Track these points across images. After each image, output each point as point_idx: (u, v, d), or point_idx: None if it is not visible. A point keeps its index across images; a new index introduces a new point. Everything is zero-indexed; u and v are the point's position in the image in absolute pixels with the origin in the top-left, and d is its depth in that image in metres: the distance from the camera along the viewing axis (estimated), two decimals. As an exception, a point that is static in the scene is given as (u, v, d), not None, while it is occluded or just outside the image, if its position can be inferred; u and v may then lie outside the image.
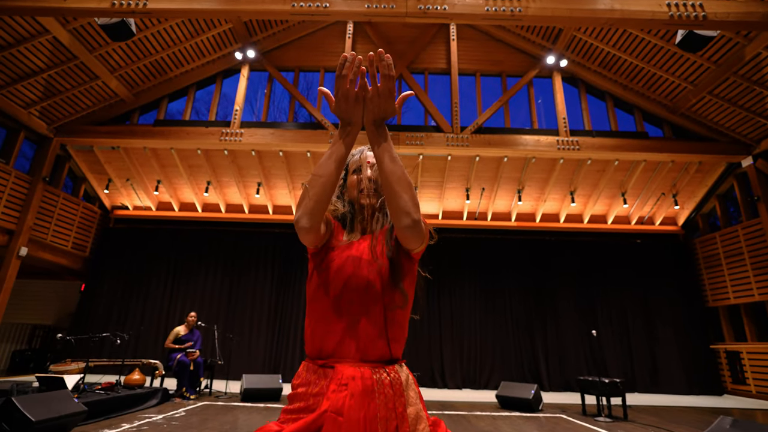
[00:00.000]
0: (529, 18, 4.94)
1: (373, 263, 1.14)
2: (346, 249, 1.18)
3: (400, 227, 1.05)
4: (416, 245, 1.14)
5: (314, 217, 1.06)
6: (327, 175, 1.07)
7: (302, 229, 1.06)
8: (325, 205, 1.07)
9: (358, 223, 1.29)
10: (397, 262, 1.15)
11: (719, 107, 8.01)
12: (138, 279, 9.27)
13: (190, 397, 5.92)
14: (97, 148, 8.62)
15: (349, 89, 1.02)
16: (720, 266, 8.97)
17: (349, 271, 1.12)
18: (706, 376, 8.65)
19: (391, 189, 1.02)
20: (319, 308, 1.13)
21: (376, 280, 1.11)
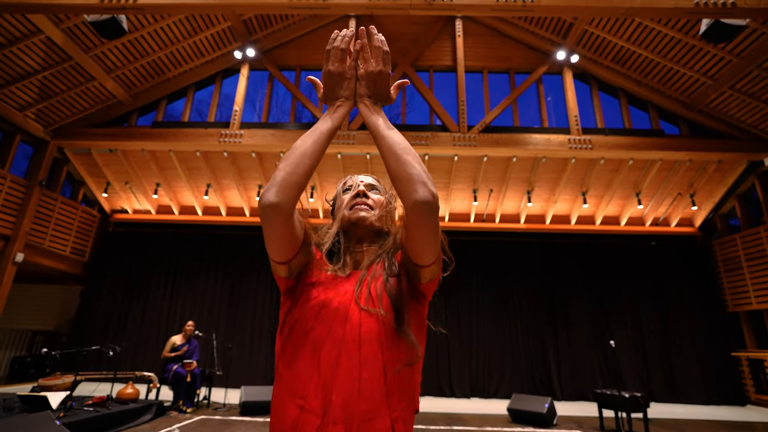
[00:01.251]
0: (542, 9, 4.63)
1: (369, 305, 0.85)
2: (331, 286, 0.89)
3: (413, 203, 0.76)
4: (431, 251, 0.83)
5: (285, 191, 0.78)
6: (306, 146, 0.84)
7: (267, 207, 0.77)
8: (301, 182, 0.80)
9: (348, 255, 1.00)
10: (402, 299, 0.86)
11: (741, 102, 7.62)
12: (138, 283, 9.06)
13: (187, 411, 5.67)
14: (95, 151, 8.42)
15: (340, 64, 0.90)
16: (741, 269, 8.56)
17: (334, 316, 0.83)
18: (727, 386, 8.23)
19: (398, 158, 0.81)
20: (290, 375, 0.82)
21: (373, 329, 0.82)
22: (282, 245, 0.86)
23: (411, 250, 0.86)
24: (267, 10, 4.97)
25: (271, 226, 0.82)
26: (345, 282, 0.91)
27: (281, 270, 0.92)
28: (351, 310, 0.84)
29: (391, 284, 0.88)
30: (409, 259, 0.89)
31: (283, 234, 0.84)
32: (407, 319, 0.84)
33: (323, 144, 0.87)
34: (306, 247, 0.93)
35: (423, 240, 0.83)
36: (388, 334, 0.82)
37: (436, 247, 0.85)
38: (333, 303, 0.85)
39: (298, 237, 0.89)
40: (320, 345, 0.81)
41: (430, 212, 0.77)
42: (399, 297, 0.86)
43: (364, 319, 0.82)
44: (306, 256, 0.95)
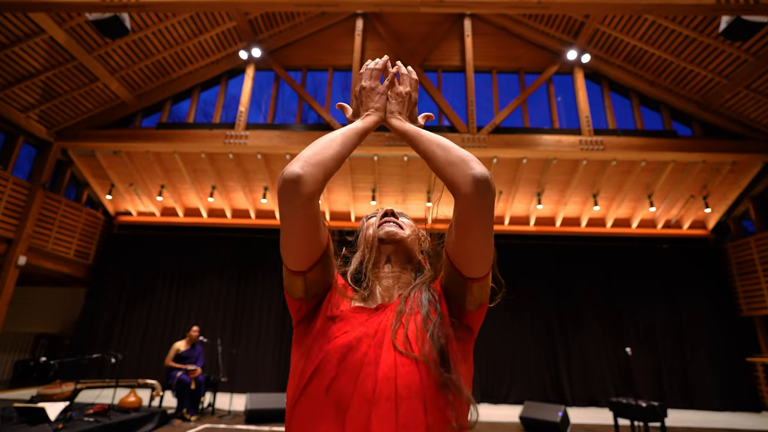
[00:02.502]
0: (557, 6, 4.48)
1: (408, 348, 0.69)
2: (357, 322, 0.74)
3: (472, 179, 0.67)
4: (485, 254, 0.72)
5: (310, 167, 0.68)
6: (334, 136, 0.78)
7: (288, 181, 0.66)
8: (328, 164, 0.72)
9: (376, 281, 0.86)
10: (449, 340, 0.70)
11: (757, 102, 7.44)
12: (142, 286, 8.96)
13: (191, 419, 5.54)
14: (99, 153, 8.32)
15: (374, 81, 0.90)
16: (755, 273, 8.37)
17: (362, 364, 0.67)
18: (741, 392, 8.04)
19: (444, 146, 0.76)
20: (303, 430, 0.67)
21: (413, 382, 0.65)
22: (300, 242, 0.73)
23: (462, 255, 0.74)
24: (274, 8, 4.85)
25: (291, 208, 0.68)
26: (374, 317, 0.76)
27: (296, 285, 0.77)
28: (384, 356, 0.68)
29: (433, 321, 0.73)
30: (456, 275, 0.76)
31: (303, 224, 0.70)
32: (456, 365, 0.68)
33: (352, 138, 0.80)
34: (327, 260, 0.80)
35: (478, 236, 0.71)
36: (433, 388, 0.66)
37: (491, 252, 0.75)
38: (361, 346, 0.69)
39: (320, 239, 0.75)
40: (346, 403, 0.65)
41: (488, 190, 0.68)
42: (445, 337, 0.70)
43: (400, 368, 0.66)
44: (326, 273, 0.81)
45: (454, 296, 0.79)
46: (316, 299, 0.81)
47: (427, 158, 0.78)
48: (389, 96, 0.91)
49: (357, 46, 8.54)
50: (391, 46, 8.66)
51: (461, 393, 0.65)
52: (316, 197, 0.71)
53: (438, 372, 0.66)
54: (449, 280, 0.79)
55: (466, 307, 0.78)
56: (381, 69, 0.92)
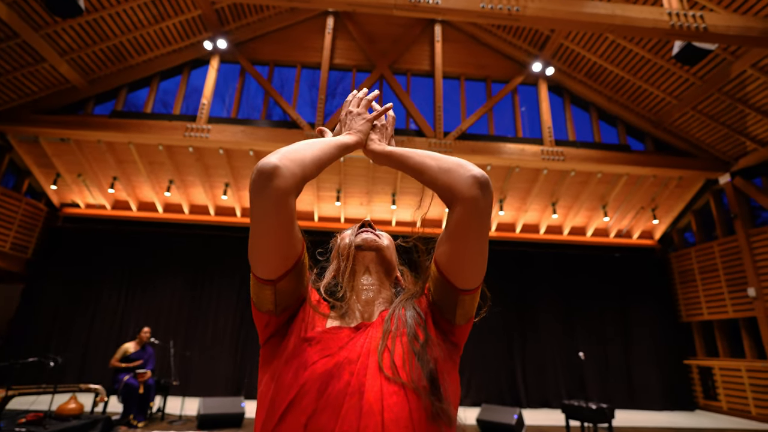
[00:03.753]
0: (527, 18, 4.60)
1: (394, 372, 0.63)
2: (335, 344, 0.67)
3: (471, 179, 0.66)
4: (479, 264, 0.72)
5: (288, 161, 0.64)
6: (313, 141, 0.75)
7: (263, 172, 0.60)
8: (306, 163, 0.68)
9: (354, 295, 0.80)
10: (438, 363, 0.65)
11: (701, 123, 7.98)
12: (88, 283, 8.39)
13: (138, 425, 5.24)
14: (43, 140, 7.72)
15: (362, 108, 0.92)
16: (694, 281, 8.98)
17: (345, 395, 0.60)
18: (678, 392, 8.61)
19: (435, 157, 0.76)
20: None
21: (402, 415, 0.59)
22: (271, 246, 0.66)
23: (456, 265, 0.71)
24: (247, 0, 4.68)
25: (264, 204, 0.62)
26: (355, 338, 0.69)
27: (265, 297, 0.70)
28: (369, 384, 0.61)
29: (421, 342, 0.68)
30: (447, 288, 0.73)
31: (276, 225, 0.64)
32: (446, 391, 0.64)
33: (331, 149, 0.77)
34: (301, 270, 0.73)
35: (475, 243, 0.70)
36: (422, 421, 0.60)
37: (485, 262, 0.74)
38: (343, 374, 0.63)
39: (294, 245, 0.69)
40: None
41: (488, 189, 0.67)
42: (434, 360, 0.65)
43: (387, 399, 0.60)
44: (299, 285, 0.74)
45: (444, 311, 0.76)
46: (287, 313, 0.74)
47: (419, 172, 0.76)
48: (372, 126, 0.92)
49: (327, 44, 8.42)
50: (361, 46, 8.60)
51: (453, 423, 0.61)
52: (293, 194, 0.65)
53: (429, 401, 0.61)
54: (439, 295, 0.76)
55: (455, 321, 0.75)
56: (371, 100, 0.94)
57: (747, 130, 7.61)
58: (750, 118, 7.40)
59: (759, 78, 6.76)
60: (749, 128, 7.56)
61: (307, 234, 0.90)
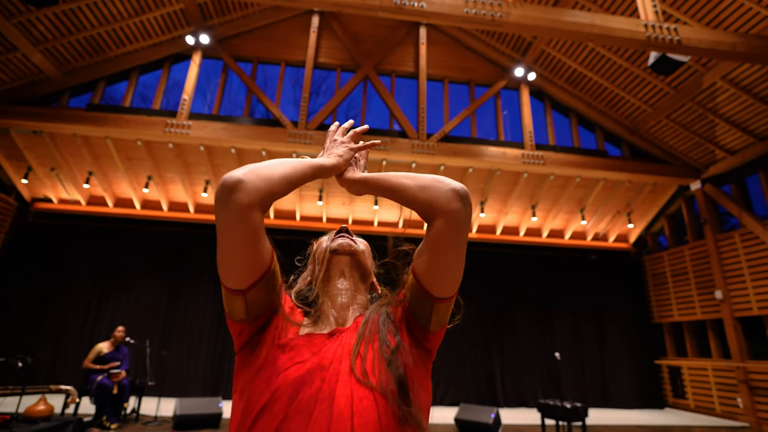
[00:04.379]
0: (510, 25, 4.68)
1: (364, 381, 0.65)
2: (309, 351, 0.69)
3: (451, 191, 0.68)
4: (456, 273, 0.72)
5: (254, 175, 0.65)
6: (288, 161, 0.75)
7: (227, 185, 0.62)
8: (275, 178, 0.69)
9: (328, 303, 0.81)
10: (408, 369, 0.67)
11: (674, 131, 8.26)
12: (60, 281, 8.14)
13: (111, 427, 5.12)
14: (14, 132, 7.45)
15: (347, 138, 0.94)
16: (666, 284, 9.29)
17: (316, 400, 0.62)
18: (649, 391, 8.91)
19: (414, 177, 0.77)
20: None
21: (370, 419, 0.61)
22: (238, 257, 0.67)
23: (434, 275, 0.72)
24: (227, -4, 4.63)
25: (228, 216, 0.63)
26: (328, 345, 0.71)
27: (236, 306, 0.71)
28: (340, 390, 0.63)
29: (392, 349, 0.69)
30: (424, 296, 0.74)
31: (242, 237, 0.65)
32: (415, 396, 0.65)
33: (306, 168, 0.77)
34: (271, 280, 0.73)
35: (454, 254, 0.70)
36: (391, 425, 0.61)
37: (461, 271, 0.74)
38: (315, 380, 0.64)
39: (262, 256, 0.70)
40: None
41: (468, 201, 0.69)
42: (404, 366, 0.67)
43: (357, 404, 0.62)
44: (270, 294, 0.74)
45: (418, 318, 0.77)
46: (259, 321, 0.74)
47: (398, 192, 0.77)
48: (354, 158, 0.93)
49: (312, 43, 8.38)
50: (346, 46, 8.59)
51: (421, 427, 0.63)
52: (256, 209, 0.65)
53: (397, 405, 0.62)
54: (415, 302, 0.76)
55: (430, 328, 0.77)
56: (358, 133, 0.96)
57: (717, 139, 7.92)
58: (719, 127, 7.70)
59: (728, 89, 7.04)
60: (719, 137, 7.87)
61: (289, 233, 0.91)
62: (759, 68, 6.50)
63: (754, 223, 7.44)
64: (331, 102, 8.01)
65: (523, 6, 4.77)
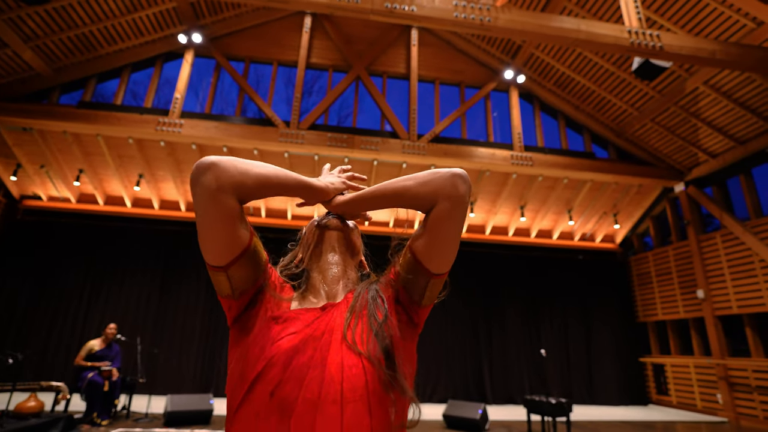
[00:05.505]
0: (498, 29, 4.80)
1: (353, 349, 0.70)
2: (301, 323, 0.74)
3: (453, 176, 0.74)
4: (452, 251, 0.78)
5: (231, 165, 0.69)
6: (275, 168, 0.78)
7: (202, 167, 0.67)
8: (251, 179, 0.71)
9: (318, 278, 0.86)
10: (395, 340, 0.73)
11: (659, 134, 8.46)
12: (50, 279, 8.11)
13: (102, 423, 5.14)
14: (3, 128, 7.42)
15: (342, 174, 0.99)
16: (651, 284, 9.50)
17: (308, 367, 0.67)
18: (633, 388, 9.12)
19: (412, 176, 0.79)
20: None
21: (358, 384, 0.66)
22: (215, 235, 0.71)
23: (433, 251, 0.77)
24: (220, -3, 4.69)
25: (201, 196, 0.67)
26: (321, 318, 0.76)
27: (220, 282, 0.76)
28: (331, 358, 0.68)
29: (379, 321, 0.75)
30: (421, 272, 0.79)
31: (216, 216, 0.69)
32: (401, 366, 0.71)
33: (292, 180, 0.80)
34: (251, 257, 0.77)
35: (453, 230, 0.76)
36: (377, 390, 0.66)
37: (456, 250, 0.79)
38: (307, 349, 0.69)
39: (238, 235, 0.73)
40: (290, 407, 0.64)
41: (467, 180, 0.75)
42: (390, 337, 0.73)
43: (347, 371, 0.66)
44: (252, 271, 0.78)
45: (413, 293, 0.82)
46: (245, 297, 0.79)
47: (400, 194, 0.79)
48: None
49: (304, 43, 8.43)
50: (338, 46, 8.66)
51: (405, 392, 0.69)
52: (228, 194, 0.69)
53: (382, 371, 0.68)
54: (411, 280, 0.81)
55: (422, 303, 0.82)
56: (354, 177, 1.00)
57: (699, 142, 8.13)
58: (702, 131, 7.91)
59: (710, 94, 7.25)
60: (701, 140, 8.08)
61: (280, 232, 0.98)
62: (739, 74, 6.71)
63: (735, 224, 7.66)
64: (323, 102, 8.08)
65: (511, 11, 4.89)
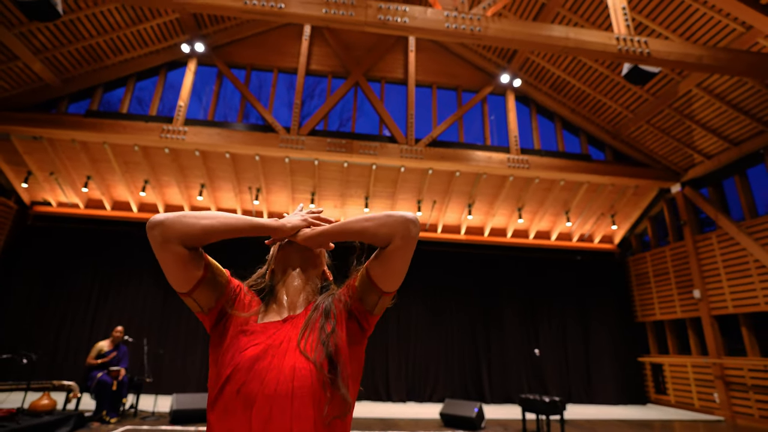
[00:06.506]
0: (489, 39, 4.95)
1: (304, 356, 0.87)
2: (264, 335, 0.91)
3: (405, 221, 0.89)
4: (401, 275, 0.94)
5: (177, 222, 0.86)
6: (227, 217, 0.93)
7: (150, 224, 0.85)
8: (197, 231, 0.87)
9: (282, 290, 1.04)
10: (339, 351, 0.90)
11: (654, 136, 8.56)
12: (59, 283, 8.36)
13: (111, 421, 5.37)
14: (15, 137, 7.68)
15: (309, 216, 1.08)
16: (649, 284, 9.59)
17: (267, 370, 0.84)
18: (632, 388, 9.20)
19: (370, 216, 0.93)
20: (221, 429, 0.83)
21: (305, 384, 0.83)
22: (170, 272, 0.89)
23: (386, 275, 0.94)
24: (220, 12, 4.88)
25: (153, 244, 0.86)
26: (281, 329, 0.93)
27: (189, 303, 0.95)
28: (285, 363, 0.85)
29: (327, 335, 0.91)
30: (374, 290, 0.96)
31: (169, 259, 0.87)
32: (342, 371, 0.88)
33: (244, 224, 0.94)
34: (208, 285, 0.94)
35: (404, 261, 0.92)
36: (321, 389, 0.83)
37: (404, 276, 0.96)
38: (267, 356, 0.86)
39: (191, 271, 0.90)
40: (252, 400, 0.81)
41: (418, 223, 0.90)
42: (336, 349, 0.90)
43: (297, 372, 0.84)
44: (212, 294, 0.95)
45: (366, 304, 0.99)
46: (214, 312, 0.97)
47: (360, 233, 0.94)
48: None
49: (304, 50, 8.64)
50: (337, 53, 8.86)
51: (339, 390, 0.86)
52: (175, 244, 0.85)
53: (323, 374, 0.85)
54: (366, 293, 0.98)
55: (374, 312, 1.00)
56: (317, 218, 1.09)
57: (694, 143, 8.22)
58: (696, 132, 8.00)
59: (703, 97, 7.35)
60: (696, 142, 8.17)
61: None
62: (731, 77, 6.81)
63: (730, 225, 7.75)
64: (323, 108, 8.27)
65: (501, 21, 5.04)
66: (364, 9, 4.92)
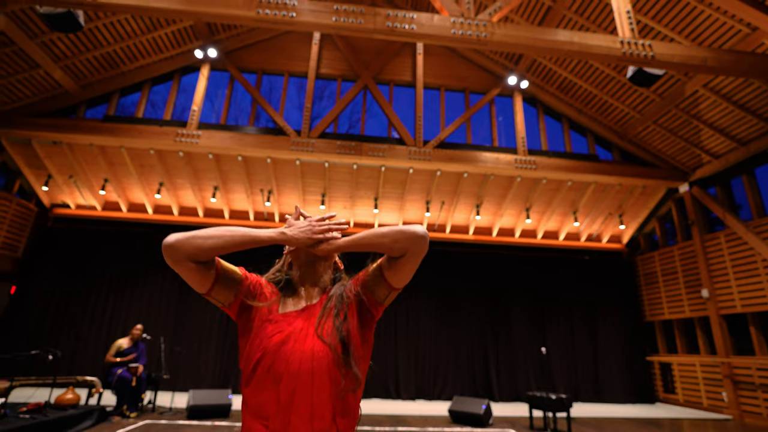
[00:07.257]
0: (494, 44, 5.06)
1: (321, 340, 1.03)
2: (287, 323, 1.07)
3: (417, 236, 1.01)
4: (409, 276, 1.08)
5: (187, 243, 0.98)
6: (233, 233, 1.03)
7: (163, 246, 0.97)
8: (204, 250, 0.99)
9: (301, 285, 1.19)
10: (351, 336, 1.06)
11: (662, 136, 8.59)
12: (79, 283, 8.64)
13: (131, 416, 5.58)
14: (36, 142, 7.95)
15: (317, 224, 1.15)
16: (657, 283, 9.60)
17: (291, 353, 1.01)
18: (641, 386, 9.23)
19: (387, 231, 1.03)
20: (255, 402, 1.00)
21: (323, 364, 1.00)
22: (187, 278, 1.04)
23: (398, 275, 1.08)
24: (233, 21, 5.06)
25: (167, 262, 1.00)
26: (300, 317, 1.09)
27: (211, 300, 1.10)
28: (306, 346, 1.01)
29: (341, 321, 1.07)
30: (385, 284, 1.10)
31: (182, 272, 1.02)
32: (353, 353, 1.04)
33: (246, 238, 1.03)
34: (223, 285, 1.08)
35: (414, 264, 1.06)
36: (336, 368, 1.00)
37: (413, 274, 1.10)
38: (290, 341, 1.01)
39: (205, 277, 1.03)
40: (279, 377, 0.97)
41: (426, 235, 1.03)
42: (348, 334, 1.06)
43: (317, 354, 1.00)
44: (229, 291, 1.10)
45: (377, 296, 1.13)
46: (235, 305, 1.12)
47: (376, 246, 1.05)
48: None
49: (314, 54, 8.81)
50: (346, 56, 9.02)
51: (352, 368, 1.02)
52: (186, 262, 0.98)
53: (337, 355, 1.02)
54: (377, 287, 1.12)
55: (383, 303, 1.15)
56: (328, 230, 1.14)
57: (702, 143, 8.24)
58: (704, 132, 8.02)
59: (710, 97, 7.38)
60: (704, 142, 8.19)
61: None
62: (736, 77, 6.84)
63: (738, 224, 7.76)
64: (332, 111, 8.44)
65: (506, 26, 5.15)
66: (373, 17, 5.06)
